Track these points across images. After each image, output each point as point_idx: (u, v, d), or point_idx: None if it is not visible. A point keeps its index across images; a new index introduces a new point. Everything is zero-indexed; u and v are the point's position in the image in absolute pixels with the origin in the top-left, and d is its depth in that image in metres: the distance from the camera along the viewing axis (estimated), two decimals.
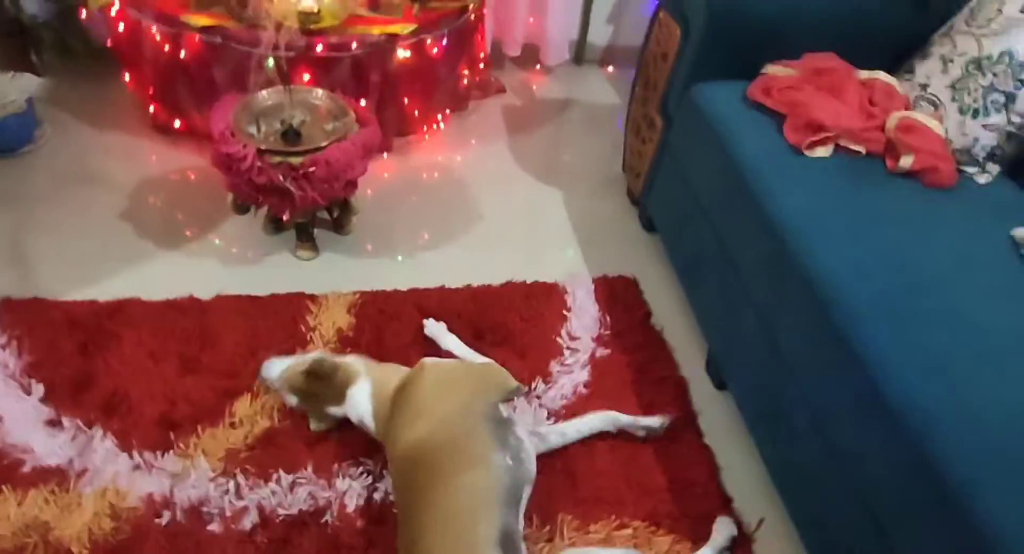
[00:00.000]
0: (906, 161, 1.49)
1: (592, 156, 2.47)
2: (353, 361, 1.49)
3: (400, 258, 1.99)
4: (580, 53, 2.95)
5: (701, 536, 1.43)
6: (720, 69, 1.75)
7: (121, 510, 1.36)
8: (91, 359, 1.59)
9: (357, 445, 1.49)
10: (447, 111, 2.46)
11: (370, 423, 1.42)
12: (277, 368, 1.49)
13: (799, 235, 1.37)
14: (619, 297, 1.90)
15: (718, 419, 1.67)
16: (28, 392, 1.52)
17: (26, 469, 1.40)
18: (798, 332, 1.36)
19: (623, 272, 1.99)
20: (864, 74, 1.66)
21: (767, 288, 1.47)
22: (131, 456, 1.44)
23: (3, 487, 1.36)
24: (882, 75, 1.65)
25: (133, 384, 1.55)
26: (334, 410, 1.46)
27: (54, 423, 1.48)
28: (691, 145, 1.79)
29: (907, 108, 1.60)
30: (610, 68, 2.97)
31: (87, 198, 2.04)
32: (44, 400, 1.51)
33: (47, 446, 1.44)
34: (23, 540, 1.30)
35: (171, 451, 1.45)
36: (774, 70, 1.69)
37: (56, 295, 1.73)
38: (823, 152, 1.55)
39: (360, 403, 1.43)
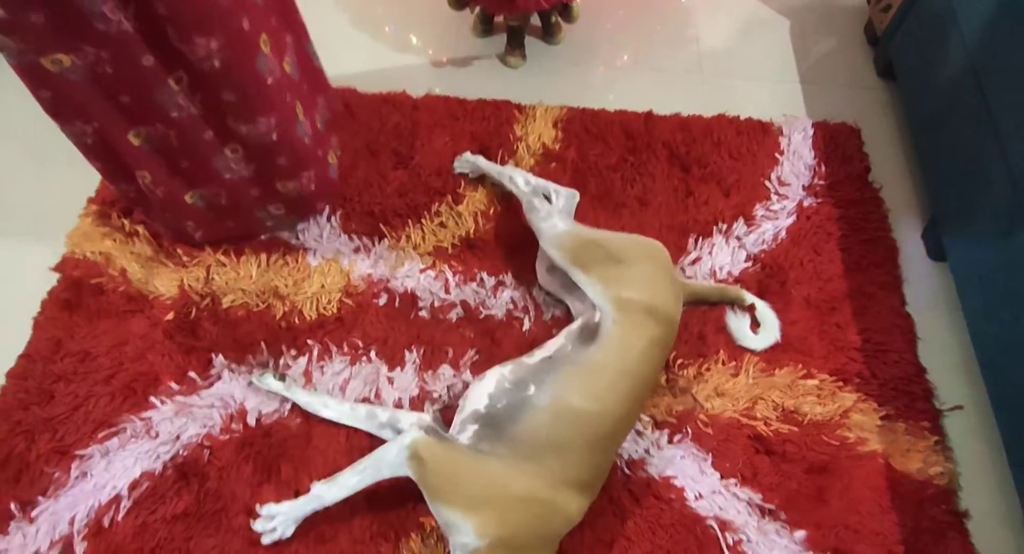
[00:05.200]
0: None
1: None
2: None
3: (608, 75, 1.89)
4: None
5: (888, 400, 1.42)
6: None
7: (345, 286, 1.49)
8: None
9: None
10: None
11: None
12: None
13: None
14: (838, 146, 1.74)
15: (925, 290, 1.57)
16: None
17: (263, 236, 1.54)
18: None
19: (846, 119, 1.80)
20: None
21: None
22: (351, 238, 1.55)
23: (245, 249, 1.52)
24: None
25: (352, 172, 1.63)
26: None
27: None
28: None
29: None
30: None
31: None
32: None
33: None
34: (267, 300, 1.47)
35: (385, 240, 1.56)
36: None
37: None
38: None
39: None
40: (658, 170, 1.67)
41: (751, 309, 1.49)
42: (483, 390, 1.22)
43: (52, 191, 1.60)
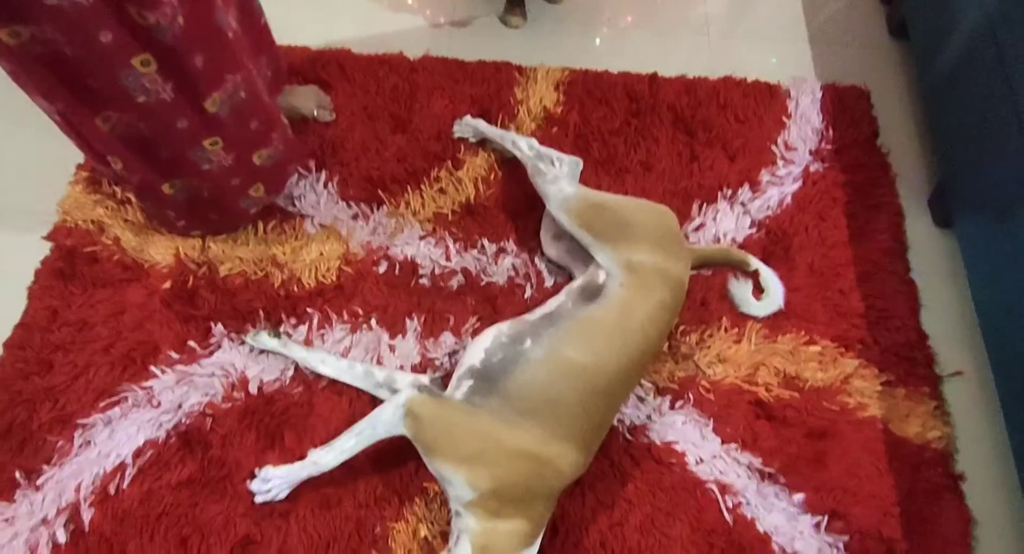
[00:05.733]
0: None
1: None
2: None
3: (612, 36, 1.84)
4: None
5: (889, 366, 1.42)
6: None
7: (344, 254, 1.47)
8: None
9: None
10: None
11: None
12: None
13: None
14: (847, 109, 1.71)
15: (930, 256, 1.56)
16: None
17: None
18: None
19: (855, 80, 1.76)
20: None
21: None
22: (348, 205, 1.53)
23: None
24: None
25: (348, 136, 1.60)
26: None
27: None
28: None
29: None
30: None
31: None
32: None
33: None
34: (265, 268, 1.45)
35: (384, 206, 1.53)
36: None
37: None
38: None
39: None
40: (662, 134, 1.64)
41: (755, 275, 1.48)
42: (480, 346, 1.23)
43: (41, 157, 1.56)
